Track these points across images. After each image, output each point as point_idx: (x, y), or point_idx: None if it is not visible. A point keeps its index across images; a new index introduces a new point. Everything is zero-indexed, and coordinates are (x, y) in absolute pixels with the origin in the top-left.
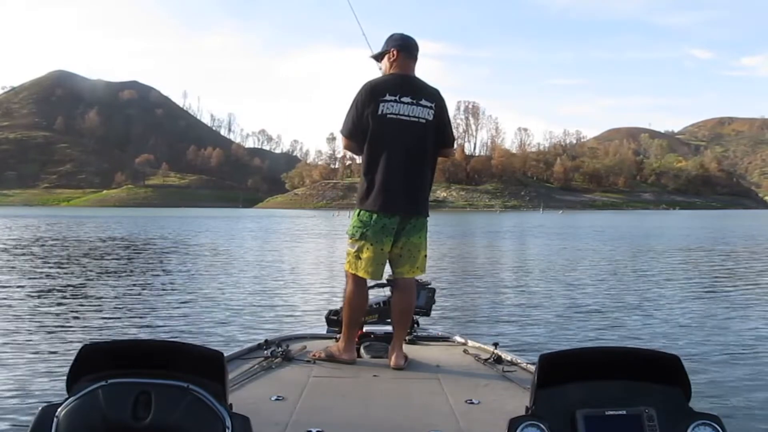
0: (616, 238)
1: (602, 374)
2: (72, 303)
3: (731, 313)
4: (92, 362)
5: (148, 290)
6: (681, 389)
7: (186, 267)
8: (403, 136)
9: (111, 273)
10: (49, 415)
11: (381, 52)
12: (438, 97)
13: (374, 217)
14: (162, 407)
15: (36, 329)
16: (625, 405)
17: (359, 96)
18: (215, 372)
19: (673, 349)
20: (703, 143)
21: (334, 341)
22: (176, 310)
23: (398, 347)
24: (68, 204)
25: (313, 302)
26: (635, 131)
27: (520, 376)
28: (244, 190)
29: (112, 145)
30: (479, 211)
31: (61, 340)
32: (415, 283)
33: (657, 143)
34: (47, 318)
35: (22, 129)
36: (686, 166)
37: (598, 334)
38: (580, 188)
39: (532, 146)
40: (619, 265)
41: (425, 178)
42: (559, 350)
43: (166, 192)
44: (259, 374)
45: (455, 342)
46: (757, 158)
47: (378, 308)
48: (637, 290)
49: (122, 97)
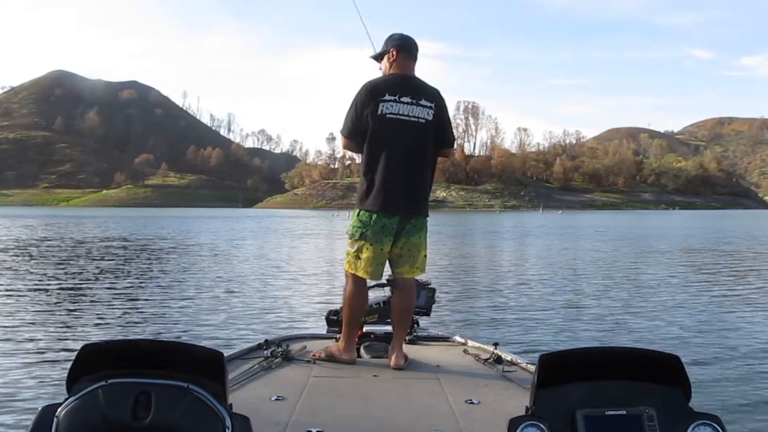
0: (616, 239)
1: (602, 374)
2: (72, 303)
3: (731, 313)
4: (92, 362)
5: (148, 290)
6: (681, 389)
7: (186, 267)
8: (402, 136)
9: (111, 273)
10: (49, 415)
11: (381, 52)
12: (438, 97)
13: (374, 217)
14: (162, 407)
15: (36, 329)
16: (625, 405)
17: (359, 96)
18: (215, 372)
19: (673, 349)
20: (703, 143)
21: (334, 341)
22: (176, 310)
23: (398, 347)
24: (68, 204)
25: (313, 302)
26: (635, 131)
27: (520, 376)
28: (243, 190)
29: (111, 145)
30: (479, 211)
31: (61, 340)
32: (415, 283)
33: (657, 143)
34: (47, 318)
35: (21, 129)
36: (686, 166)
37: (598, 334)
38: (580, 188)
39: (532, 146)
40: (619, 265)
41: (425, 178)
42: (559, 350)
43: (165, 192)
44: (259, 374)
45: (455, 342)
46: (757, 158)
47: (378, 308)
48: (637, 290)
49: (122, 97)
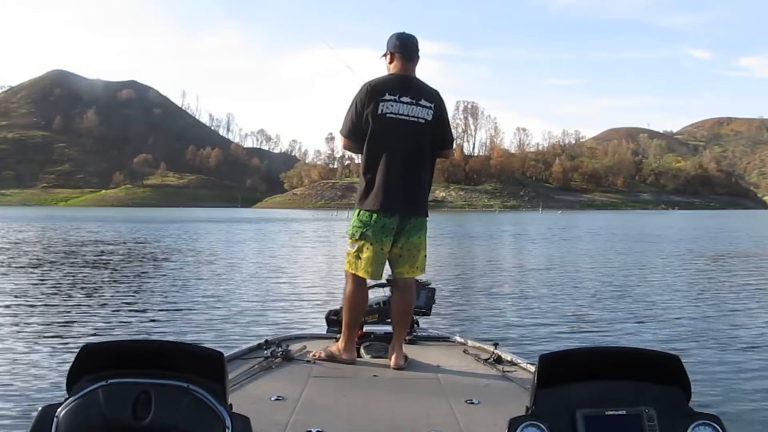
0: (616, 238)
1: (602, 374)
2: (72, 303)
3: (732, 313)
4: (92, 362)
5: (148, 290)
6: (681, 389)
7: (186, 267)
8: (402, 135)
9: (111, 273)
10: (49, 415)
11: (384, 53)
12: (437, 98)
13: (374, 216)
14: (162, 407)
15: (36, 329)
16: (625, 405)
17: (359, 96)
18: (215, 372)
19: (673, 349)
20: (702, 143)
21: (334, 341)
22: (176, 310)
23: (398, 347)
24: (66, 204)
25: (313, 302)
26: (634, 131)
27: (520, 376)
28: (242, 190)
29: (110, 144)
30: (478, 211)
31: (61, 340)
32: (415, 283)
33: (656, 143)
34: (47, 318)
35: (20, 129)
36: (685, 166)
37: (599, 334)
38: (579, 188)
39: (531, 146)
40: (619, 265)
41: (425, 177)
42: (559, 350)
43: (164, 192)
44: (259, 374)
45: (455, 342)
46: (756, 158)
47: (378, 308)
48: (637, 290)
49: (120, 97)
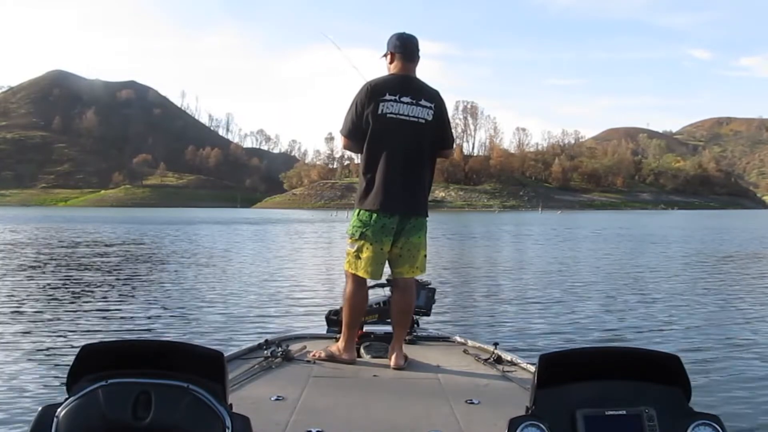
0: (616, 239)
1: (602, 374)
2: (72, 303)
3: (732, 313)
4: (92, 362)
5: (148, 290)
6: (681, 389)
7: (186, 267)
8: (402, 135)
9: (111, 273)
10: (49, 415)
11: (384, 53)
12: (438, 98)
13: (374, 216)
14: (162, 407)
15: (36, 329)
16: (625, 405)
17: (359, 96)
18: (215, 372)
19: (673, 349)
20: (701, 143)
21: (334, 341)
22: (176, 310)
23: (398, 347)
24: (66, 204)
25: (313, 302)
26: (633, 131)
27: (520, 376)
28: (242, 190)
29: (109, 145)
30: (477, 211)
31: (61, 340)
32: (415, 283)
33: (655, 143)
34: (47, 318)
35: (19, 129)
36: (684, 166)
37: (599, 334)
38: (579, 188)
39: (531, 146)
40: (619, 264)
41: (424, 177)
42: (559, 350)
43: (163, 192)
44: (259, 374)
45: (455, 342)
46: (755, 158)
47: (378, 308)
48: (637, 290)
49: (120, 97)
